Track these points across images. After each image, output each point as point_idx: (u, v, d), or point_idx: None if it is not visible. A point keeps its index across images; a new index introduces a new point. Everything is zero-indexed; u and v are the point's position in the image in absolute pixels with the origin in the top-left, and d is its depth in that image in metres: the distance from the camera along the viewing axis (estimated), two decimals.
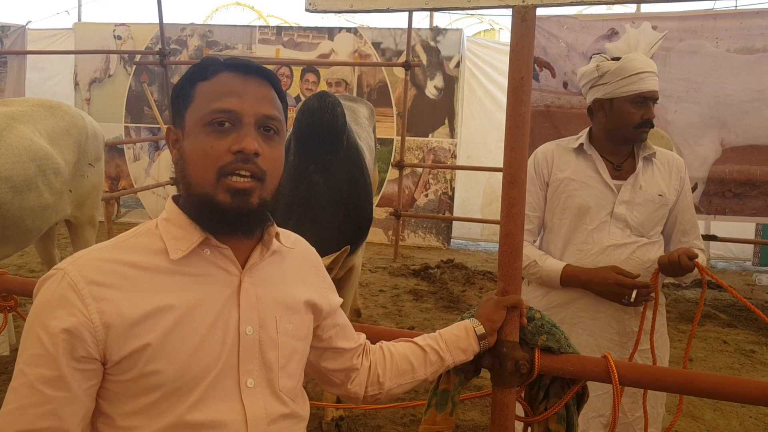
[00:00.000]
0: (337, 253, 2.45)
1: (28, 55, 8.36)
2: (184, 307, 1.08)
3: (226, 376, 1.10)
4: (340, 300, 1.39)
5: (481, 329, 1.47)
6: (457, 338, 1.46)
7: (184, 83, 1.15)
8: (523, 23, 1.46)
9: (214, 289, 1.12)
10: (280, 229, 1.25)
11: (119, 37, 8.62)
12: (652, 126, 2.15)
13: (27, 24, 8.57)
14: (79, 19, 9.33)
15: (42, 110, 3.53)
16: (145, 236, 1.13)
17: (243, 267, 1.16)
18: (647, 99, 2.11)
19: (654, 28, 2.28)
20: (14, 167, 3.11)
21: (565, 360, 1.50)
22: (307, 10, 1.59)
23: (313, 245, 1.39)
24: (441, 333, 1.48)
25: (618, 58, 2.15)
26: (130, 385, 1.05)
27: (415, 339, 1.47)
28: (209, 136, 1.09)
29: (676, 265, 1.95)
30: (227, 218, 1.10)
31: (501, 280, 1.52)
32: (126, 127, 8.60)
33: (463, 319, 1.53)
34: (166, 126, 1.18)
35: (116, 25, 8.67)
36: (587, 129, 2.29)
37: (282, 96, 1.19)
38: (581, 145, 2.22)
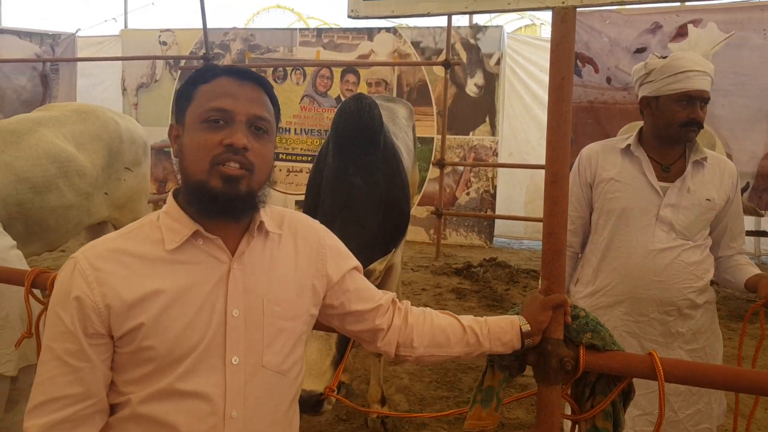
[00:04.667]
0: (388, 256, 2.51)
1: (78, 62, 8.61)
2: (175, 292, 1.22)
3: (212, 353, 1.23)
4: (352, 264, 1.46)
5: (527, 327, 1.48)
6: (501, 330, 1.48)
7: (187, 85, 1.29)
8: (564, 24, 1.47)
9: (204, 276, 1.25)
10: (273, 211, 1.38)
11: (164, 43, 8.82)
12: (701, 127, 2.09)
13: (77, 32, 8.84)
14: (126, 26, 9.60)
15: (73, 115, 3.65)
16: (148, 228, 1.28)
17: (234, 255, 1.28)
18: (693, 98, 2.06)
19: (699, 21, 2.25)
20: (33, 169, 3.25)
21: (610, 357, 1.49)
22: (349, 16, 1.62)
23: (356, 247, 1.47)
24: (487, 320, 1.50)
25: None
26: (130, 357, 1.21)
27: (460, 317, 1.51)
28: (205, 131, 1.22)
29: None
30: (217, 203, 1.22)
31: (545, 279, 1.52)
32: None
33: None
34: (170, 123, 1.31)
35: (161, 31, 8.88)
36: (638, 129, 2.25)
37: (274, 101, 1.33)
38: (629, 145, 2.19)
